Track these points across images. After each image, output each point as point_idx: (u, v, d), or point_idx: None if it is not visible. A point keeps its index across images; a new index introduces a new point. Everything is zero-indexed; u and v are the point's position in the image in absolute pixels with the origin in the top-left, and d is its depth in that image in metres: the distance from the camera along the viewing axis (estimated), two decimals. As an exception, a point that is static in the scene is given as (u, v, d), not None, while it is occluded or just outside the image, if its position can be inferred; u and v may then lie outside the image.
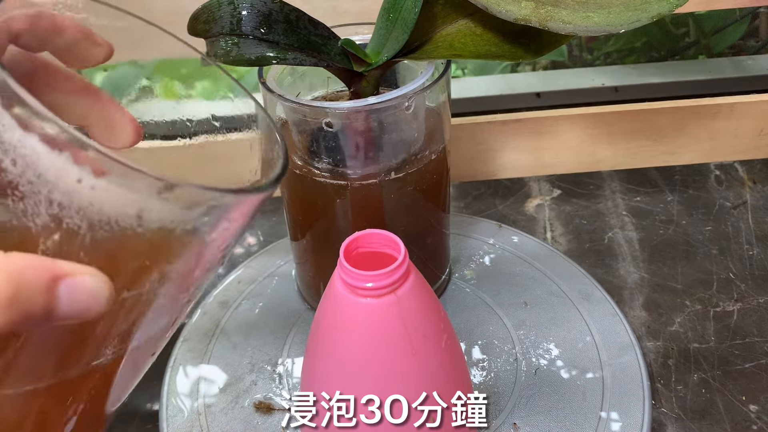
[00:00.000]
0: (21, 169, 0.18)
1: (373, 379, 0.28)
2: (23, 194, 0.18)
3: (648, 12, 0.29)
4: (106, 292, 0.18)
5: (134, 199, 0.18)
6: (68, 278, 0.18)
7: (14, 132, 0.17)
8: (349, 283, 0.27)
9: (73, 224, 0.18)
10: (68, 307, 0.18)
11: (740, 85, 0.65)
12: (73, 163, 0.17)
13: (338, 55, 0.35)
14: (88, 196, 0.18)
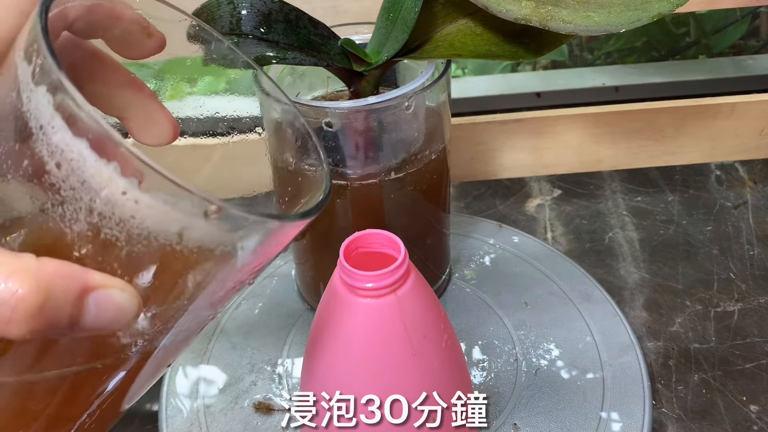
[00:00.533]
0: (65, 174, 0.17)
1: (373, 379, 0.28)
2: (64, 199, 0.17)
3: (648, 11, 0.29)
4: (134, 307, 0.18)
5: (178, 217, 0.18)
6: (98, 290, 0.17)
7: (64, 134, 0.17)
8: (349, 284, 0.27)
9: (111, 235, 0.18)
10: (94, 319, 0.17)
11: (741, 84, 0.65)
12: (120, 174, 0.17)
13: (338, 54, 0.35)
14: (131, 209, 0.17)
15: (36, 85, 0.17)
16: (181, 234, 0.18)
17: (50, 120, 0.17)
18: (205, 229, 0.18)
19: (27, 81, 0.17)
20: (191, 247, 0.18)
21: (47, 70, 0.17)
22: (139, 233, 0.18)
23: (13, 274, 0.16)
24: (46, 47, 0.17)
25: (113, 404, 0.23)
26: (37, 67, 0.17)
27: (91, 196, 0.17)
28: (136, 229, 0.18)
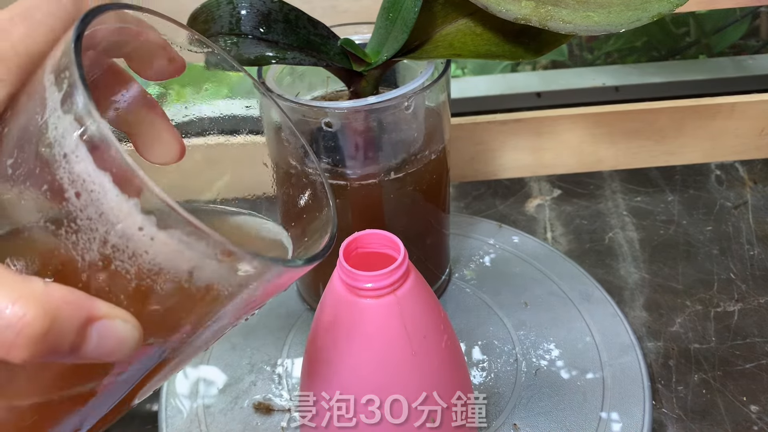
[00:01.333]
0: (84, 203, 0.17)
1: (373, 379, 0.28)
2: (79, 228, 0.18)
3: (648, 11, 0.29)
4: (135, 340, 0.18)
5: (191, 257, 0.18)
6: (102, 320, 0.17)
7: (87, 165, 0.17)
8: (348, 284, 0.27)
9: (121, 268, 0.18)
10: (95, 348, 0.17)
11: (741, 84, 0.65)
12: (139, 210, 0.17)
13: (338, 54, 0.35)
14: (145, 245, 0.18)
15: (64, 113, 0.17)
16: (191, 272, 0.18)
17: (74, 149, 0.17)
18: (215, 270, 0.19)
19: (55, 107, 0.18)
20: (199, 285, 0.19)
21: (77, 101, 0.17)
22: (150, 269, 0.18)
23: (20, 299, 0.16)
24: (79, 80, 0.17)
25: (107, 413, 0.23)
26: (67, 95, 0.17)
27: (107, 228, 0.17)
28: (147, 264, 0.18)
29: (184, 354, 0.22)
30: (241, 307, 0.21)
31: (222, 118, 0.28)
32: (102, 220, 0.17)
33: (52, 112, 0.18)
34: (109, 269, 0.18)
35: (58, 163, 0.17)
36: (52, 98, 0.18)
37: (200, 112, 0.28)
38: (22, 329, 0.16)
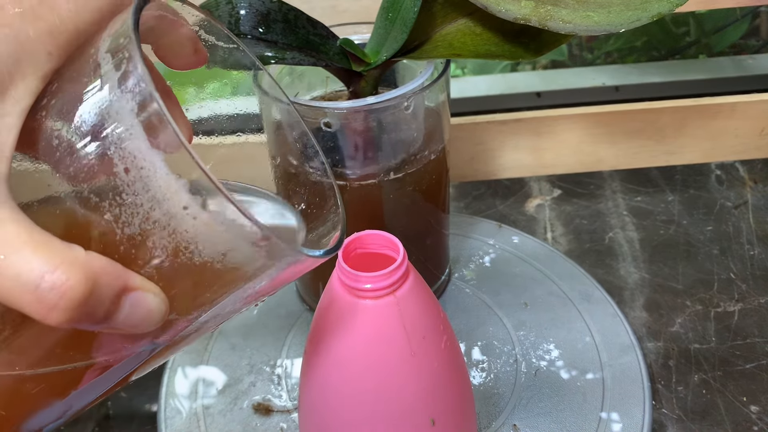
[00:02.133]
0: (132, 179, 0.18)
1: (372, 380, 0.28)
2: (123, 202, 0.18)
3: (648, 11, 0.29)
4: (162, 313, 0.19)
5: (228, 239, 0.19)
6: (135, 292, 0.18)
7: (140, 143, 0.18)
8: (347, 285, 0.27)
9: (159, 244, 0.18)
10: (125, 319, 0.18)
11: (741, 84, 0.65)
12: (187, 190, 0.18)
13: (337, 54, 0.35)
14: (187, 224, 0.18)
15: (121, 92, 0.18)
16: (225, 254, 0.19)
17: (129, 127, 0.18)
18: (248, 253, 0.19)
19: (112, 85, 0.18)
20: (229, 266, 0.19)
21: (137, 82, 0.17)
22: (187, 246, 0.18)
23: (63, 264, 0.17)
24: (140, 61, 0.17)
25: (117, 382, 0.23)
26: (125, 75, 0.18)
27: (152, 204, 0.18)
28: (185, 242, 0.18)
29: (193, 332, 0.22)
30: (253, 292, 0.21)
31: (222, 117, 0.29)
32: (148, 196, 0.18)
33: (109, 90, 0.18)
34: (147, 244, 0.18)
35: (109, 138, 0.18)
36: (109, 76, 0.18)
37: (202, 112, 0.28)
38: (65, 293, 0.17)
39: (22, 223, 0.17)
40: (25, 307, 0.17)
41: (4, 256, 0.17)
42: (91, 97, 0.18)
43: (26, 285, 0.17)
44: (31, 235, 0.17)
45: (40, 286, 0.16)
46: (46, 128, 0.19)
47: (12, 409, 0.21)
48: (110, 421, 0.41)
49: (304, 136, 0.30)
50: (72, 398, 0.22)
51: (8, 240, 0.17)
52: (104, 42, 0.19)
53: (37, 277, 0.17)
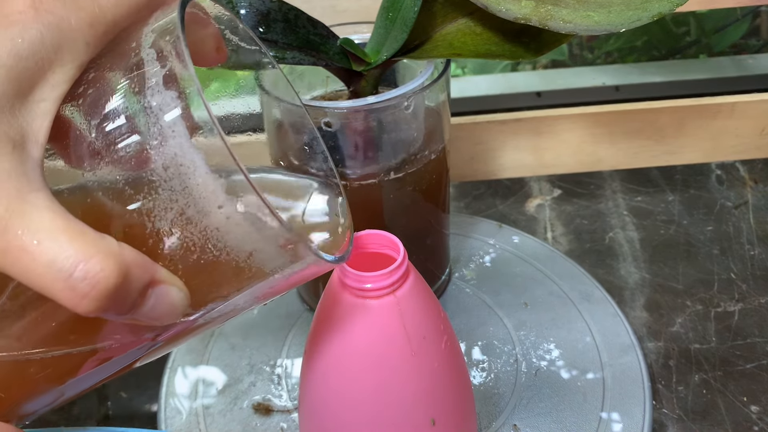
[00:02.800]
0: (170, 176, 0.18)
1: (372, 380, 0.28)
2: (158, 197, 0.18)
3: (648, 11, 0.29)
4: (184, 308, 0.19)
5: (256, 239, 0.19)
6: (161, 285, 0.18)
7: (182, 142, 0.18)
8: (348, 285, 0.27)
9: (189, 240, 0.19)
10: (149, 311, 0.18)
11: (741, 84, 0.65)
12: (224, 190, 0.18)
13: (337, 54, 0.35)
14: (219, 222, 0.18)
15: (166, 89, 0.18)
16: (251, 253, 0.19)
17: (172, 125, 0.18)
18: (273, 255, 0.20)
19: (157, 81, 0.18)
20: (251, 265, 0.20)
21: (184, 81, 0.18)
22: (215, 244, 0.19)
23: (98, 254, 0.17)
24: (188, 60, 0.18)
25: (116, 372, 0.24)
26: (172, 74, 0.18)
27: (187, 201, 0.18)
28: (214, 240, 0.19)
29: (201, 326, 0.22)
30: (268, 291, 0.21)
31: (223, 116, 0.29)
32: (184, 193, 0.18)
33: (152, 86, 0.18)
34: (176, 239, 0.19)
35: (150, 132, 0.18)
36: (154, 72, 0.18)
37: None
38: (97, 283, 0.17)
39: (57, 210, 0.17)
40: (56, 294, 0.17)
41: (38, 242, 0.17)
42: (132, 91, 0.18)
43: (60, 272, 0.17)
44: (66, 223, 0.17)
45: (74, 274, 0.17)
46: (80, 117, 0.19)
47: (10, 392, 0.21)
48: (110, 420, 0.41)
49: (314, 141, 0.30)
50: (68, 385, 0.22)
51: (44, 226, 0.17)
52: (147, 37, 0.19)
53: (71, 265, 0.17)
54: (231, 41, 0.25)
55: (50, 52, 0.18)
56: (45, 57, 0.18)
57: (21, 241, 0.17)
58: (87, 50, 0.19)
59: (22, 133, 0.18)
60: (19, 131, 0.18)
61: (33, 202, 0.17)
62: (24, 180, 0.17)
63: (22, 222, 0.17)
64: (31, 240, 0.17)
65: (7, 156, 0.17)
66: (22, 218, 0.17)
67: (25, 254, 0.17)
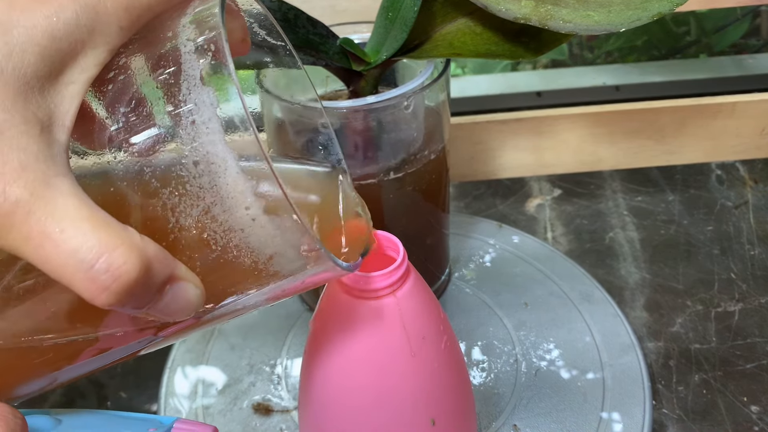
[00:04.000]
0: (199, 172, 0.18)
1: (372, 380, 0.28)
2: (185, 192, 0.18)
3: (648, 11, 0.29)
4: (199, 305, 0.19)
5: (279, 244, 0.19)
6: (179, 282, 0.18)
7: (216, 139, 0.17)
8: (347, 285, 0.27)
9: (211, 238, 0.18)
10: (164, 307, 0.18)
11: (741, 84, 0.65)
12: (253, 192, 0.18)
13: (337, 54, 0.35)
14: (244, 224, 0.18)
15: (204, 84, 0.17)
16: (271, 257, 0.19)
17: (207, 121, 0.17)
18: (292, 259, 0.19)
19: (193, 75, 0.18)
20: (269, 268, 0.19)
21: (224, 82, 0.17)
22: (237, 245, 0.18)
23: (122, 246, 0.16)
24: (228, 56, 0.17)
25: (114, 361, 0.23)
26: (213, 70, 0.18)
27: (214, 200, 0.18)
28: (237, 240, 0.18)
29: (207, 323, 0.22)
30: (279, 293, 0.21)
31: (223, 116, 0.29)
32: (212, 191, 0.18)
33: (188, 80, 0.18)
34: (198, 237, 0.18)
35: (185, 128, 0.18)
36: (191, 66, 0.18)
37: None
38: (119, 276, 0.16)
39: (82, 197, 0.17)
40: (75, 284, 0.16)
41: (61, 230, 0.16)
42: (166, 82, 0.18)
43: (82, 263, 0.16)
44: (91, 212, 0.17)
45: (95, 266, 0.16)
46: (108, 103, 0.19)
47: (5, 376, 0.21)
48: (110, 421, 0.41)
49: (329, 142, 0.30)
50: (64, 371, 0.22)
51: (68, 214, 0.16)
52: (184, 28, 0.19)
53: (94, 256, 0.16)
54: (258, 35, 0.25)
55: (84, 33, 0.18)
56: (78, 39, 0.17)
57: (44, 227, 0.16)
58: (120, 34, 0.18)
59: (50, 115, 0.17)
60: (47, 113, 0.17)
61: (58, 187, 0.16)
62: (50, 163, 0.17)
63: (47, 208, 0.16)
64: (54, 227, 0.16)
65: (35, 138, 0.17)
66: (47, 204, 0.16)
67: (48, 241, 0.16)
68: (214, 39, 0.18)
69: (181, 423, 0.22)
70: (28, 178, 0.16)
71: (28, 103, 0.17)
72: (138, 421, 0.22)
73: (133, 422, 0.22)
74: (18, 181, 0.16)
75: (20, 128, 0.16)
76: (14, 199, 0.16)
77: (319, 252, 0.19)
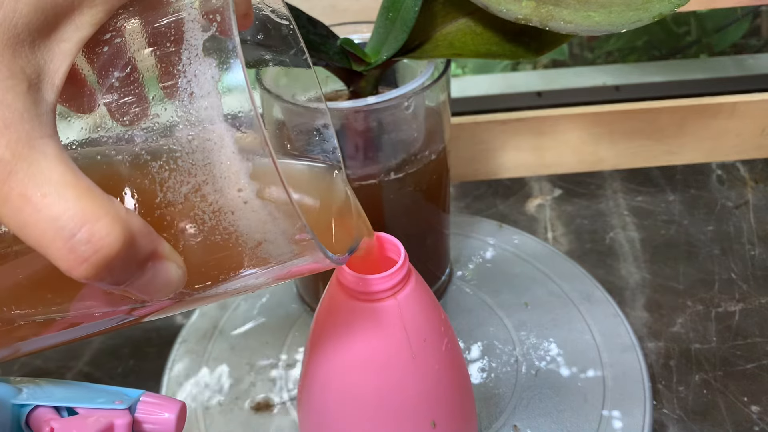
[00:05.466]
0: (193, 148, 0.17)
1: (372, 383, 0.28)
2: (176, 168, 0.17)
3: (649, 12, 0.29)
4: (178, 285, 0.18)
5: (269, 230, 0.18)
6: (162, 260, 0.17)
7: (214, 115, 0.16)
8: (348, 287, 0.27)
9: (199, 218, 0.17)
10: (143, 285, 0.17)
11: (742, 84, 0.65)
12: (247, 174, 0.17)
13: (337, 54, 0.35)
14: (235, 206, 0.17)
15: (205, 55, 0.17)
16: (260, 243, 0.18)
17: (206, 95, 0.17)
18: (281, 247, 0.19)
19: (196, 45, 0.17)
20: (257, 255, 0.19)
21: (227, 51, 0.16)
22: (226, 228, 0.18)
23: (107, 217, 0.15)
24: (235, 29, 0.16)
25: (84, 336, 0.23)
26: (215, 40, 0.17)
27: (206, 178, 0.17)
28: (226, 223, 0.17)
29: (188, 303, 0.21)
30: (262, 281, 0.21)
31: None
32: (205, 169, 0.17)
33: (190, 50, 0.17)
34: (185, 215, 0.17)
35: (181, 100, 0.17)
36: (193, 35, 0.17)
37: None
38: (100, 249, 0.15)
39: (67, 163, 0.16)
40: (53, 253, 0.15)
41: (43, 194, 0.15)
42: (165, 50, 0.17)
43: (62, 231, 0.15)
44: (76, 178, 0.16)
45: (76, 236, 0.15)
46: (101, 67, 0.18)
47: None
48: (110, 421, 0.41)
49: (326, 133, 0.29)
50: (27, 343, 0.21)
51: (52, 178, 0.15)
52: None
53: (76, 225, 0.15)
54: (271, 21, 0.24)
55: None
56: None
57: (25, 189, 0.15)
58: None
59: (39, 72, 0.16)
60: (36, 70, 0.16)
61: (43, 149, 0.15)
62: (36, 123, 0.16)
63: (29, 170, 0.15)
64: (36, 191, 0.15)
65: (21, 95, 0.16)
66: (29, 166, 0.15)
67: (27, 205, 0.15)
68: (220, 9, 0.17)
69: (147, 396, 0.21)
70: (11, 137, 0.15)
71: (17, 57, 0.16)
72: (104, 393, 0.21)
73: (99, 394, 0.21)
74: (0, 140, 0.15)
75: (6, 82, 0.15)
76: None
77: (310, 242, 0.19)
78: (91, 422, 0.20)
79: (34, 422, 0.20)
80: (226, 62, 0.16)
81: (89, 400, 0.21)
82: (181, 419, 0.22)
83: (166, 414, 0.21)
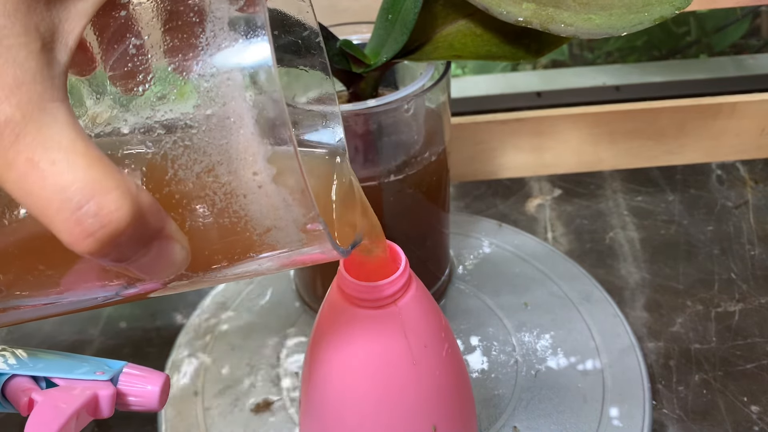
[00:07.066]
0: (211, 126, 0.16)
1: (373, 389, 0.28)
2: (191, 145, 0.16)
3: (650, 14, 0.29)
4: (181, 266, 0.17)
5: (280, 217, 0.17)
6: (167, 240, 0.16)
7: (236, 93, 0.16)
8: (349, 294, 0.27)
9: (209, 199, 0.17)
10: (146, 263, 0.16)
11: (742, 84, 0.65)
12: (265, 157, 0.16)
13: (337, 55, 0.35)
14: (248, 189, 0.17)
15: (231, 30, 0.16)
16: (269, 229, 0.18)
17: (229, 71, 0.16)
18: (290, 235, 0.18)
19: (222, 18, 0.16)
20: (266, 241, 0.18)
21: (255, 27, 0.16)
22: (236, 211, 0.17)
23: (116, 190, 0.15)
24: (265, 10, 0.16)
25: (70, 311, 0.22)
26: (241, 14, 0.16)
27: (221, 158, 0.16)
28: (237, 206, 0.17)
29: (185, 285, 0.21)
30: (264, 268, 0.20)
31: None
32: (221, 148, 0.16)
33: (215, 22, 0.16)
34: (195, 195, 0.17)
35: (203, 75, 0.16)
36: (219, 6, 0.16)
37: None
38: (108, 224, 0.14)
39: (78, 130, 0.15)
40: (56, 224, 0.14)
41: (52, 161, 0.14)
42: (189, 19, 0.16)
43: (69, 201, 0.14)
44: (87, 147, 0.15)
45: (83, 208, 0.14)
46: (119, 32, 0.17)
47: None
48: (110, 421, 0.41)
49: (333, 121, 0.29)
50: (7, 315, 0.20)
51: (62, 145, 0.14)
52: None
53: (84, 197, 0.14)
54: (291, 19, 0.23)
55: None
56: None
57: (33, 154, 0.14)
58: None
59: (53, 31, 0.15)
60: (50, 28, 0.15)
61: (54, 113, 0.14)
62: (48, 85, 0.15)
63: (38, 134, 0.14)
64: (44, 157, 0.14)
65: (35, 54, 0.14)
66: (39, 130, 0.14)
67: (34, 171, 0.14)
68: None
69: (130, 368, 0.21)
70: (22, 97, 0.14)
71: (32, 13, 0.15)
72: (86, 363, 0.21)
73: (81, 364, 0.21)
74: (10, 99, 0.14)
75: (20, 39, 0.14)
76: (3, 118, 0.14)
77: (320, 232, 0.18)
78: (77, 394, 0.19)
79: (11, 392, 0.20)
80: (254, 38, 0.16)
81: (69, 370, 0.20)
82: (165, 392, 0.21)
83: (150, 386, 0.21)
